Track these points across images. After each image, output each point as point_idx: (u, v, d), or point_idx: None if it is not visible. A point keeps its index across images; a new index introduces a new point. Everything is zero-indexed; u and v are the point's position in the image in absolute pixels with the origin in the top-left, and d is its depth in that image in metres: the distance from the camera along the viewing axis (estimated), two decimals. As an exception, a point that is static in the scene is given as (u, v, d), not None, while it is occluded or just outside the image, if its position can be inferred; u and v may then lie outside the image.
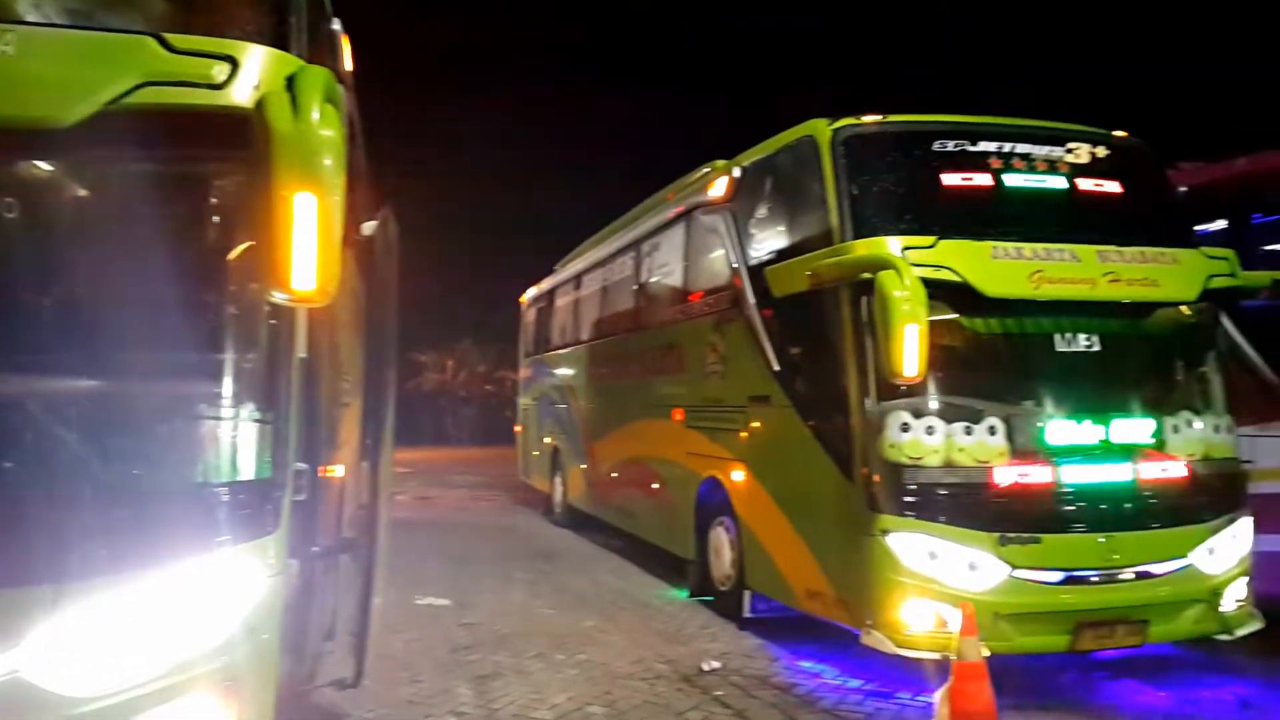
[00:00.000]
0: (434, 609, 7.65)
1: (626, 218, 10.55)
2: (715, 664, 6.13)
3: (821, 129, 6.07)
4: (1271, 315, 6.13)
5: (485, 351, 32.54)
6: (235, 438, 3.17)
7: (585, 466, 11.43)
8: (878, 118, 6.12)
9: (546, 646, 6.52)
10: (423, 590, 8.06)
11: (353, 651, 4.17)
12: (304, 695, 4.32)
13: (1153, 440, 5.68)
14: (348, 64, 4.35)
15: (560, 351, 12.91)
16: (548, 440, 13.24)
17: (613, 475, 10.38)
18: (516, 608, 7.74)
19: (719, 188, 7.37)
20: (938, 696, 4.59)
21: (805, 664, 6.20)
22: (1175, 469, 5.66)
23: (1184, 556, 5.54)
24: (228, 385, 3.18)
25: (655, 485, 8.97)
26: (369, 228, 3.97)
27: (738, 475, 7.08)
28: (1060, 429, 5.53)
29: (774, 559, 6.56)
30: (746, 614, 7.03)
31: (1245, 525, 5.81)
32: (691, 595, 8.02)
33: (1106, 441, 5.57)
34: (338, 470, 4.36)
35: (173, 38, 3.02)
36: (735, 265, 7.02)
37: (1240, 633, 5.69)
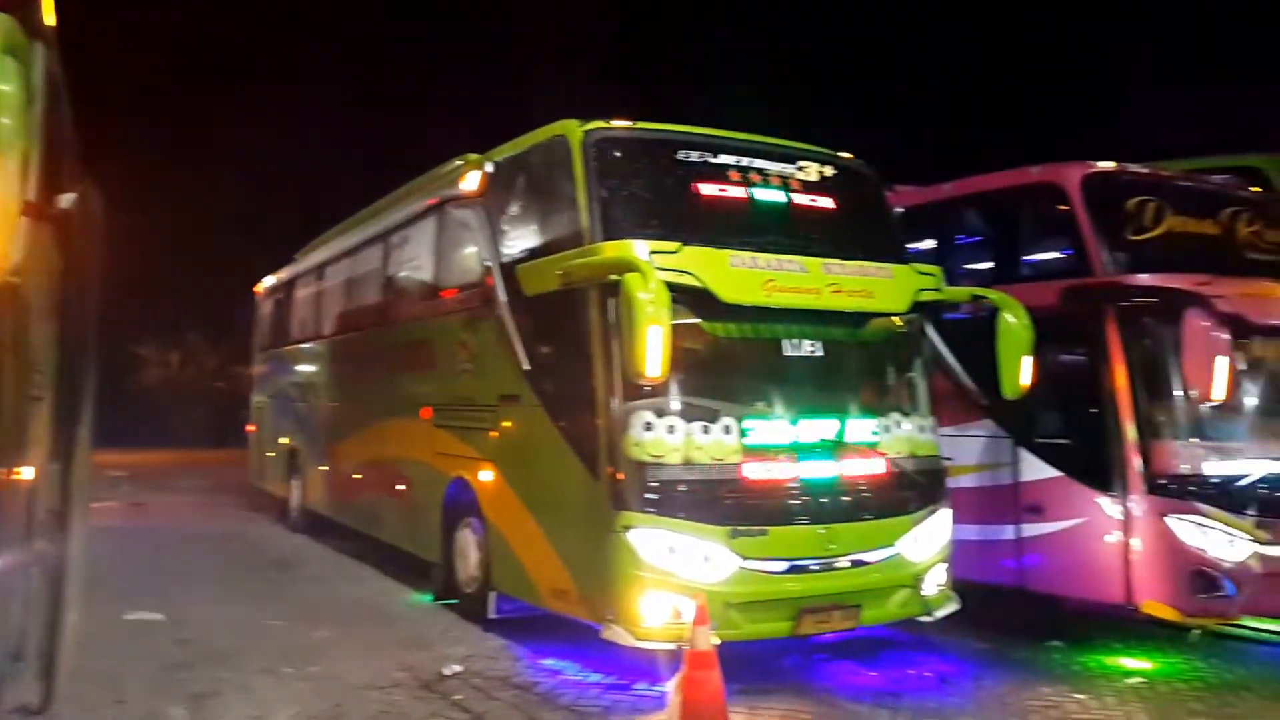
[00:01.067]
0: (145, 624, 7.00)
1: (375, 207, 10.11)
2: (457, 668, 6.02)
3: (573, 129, 6.12)
4: (969, 326, 6.86)
5: (216, 345, 30.09)
6: None
7: (326, 468, 10.88)
8: (628, 123, 6.26)
9: (273, 660, 6.13)
10: (133, 605, 7.34)
11: (41, 673, 3.71)
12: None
13: (867, 439, 6.19)
14: (49, 17, 3.86)
15: (300, 346, 12.22)
16: (284, 441, 12.50)
17: (356, 477, 9.95)
18: (241, 620, 7.21)
19: (471, 182, 7.24)
20: (670, 685, 4.75)
21: (548, 662, 6.23)
22: (886, 465, 6.21)
23: (892, 545, 6.08)
24: None
25: (401, 486, 8.69)
26: (67, 201, 3.54)
27: (486, 475, 7.00)
28: (786, 428, 5.90)
29: (520, 559, 6.54)
30: (491, 615, 6.97)
31: (945, 516, 6.47)
32: (436, 599, 7.84)
33: (826, 440, 6.00)
34: (25, 473, 3.86)
35: None
36: (487, 262, 6.92)
37: (940, 614, 6.33)
